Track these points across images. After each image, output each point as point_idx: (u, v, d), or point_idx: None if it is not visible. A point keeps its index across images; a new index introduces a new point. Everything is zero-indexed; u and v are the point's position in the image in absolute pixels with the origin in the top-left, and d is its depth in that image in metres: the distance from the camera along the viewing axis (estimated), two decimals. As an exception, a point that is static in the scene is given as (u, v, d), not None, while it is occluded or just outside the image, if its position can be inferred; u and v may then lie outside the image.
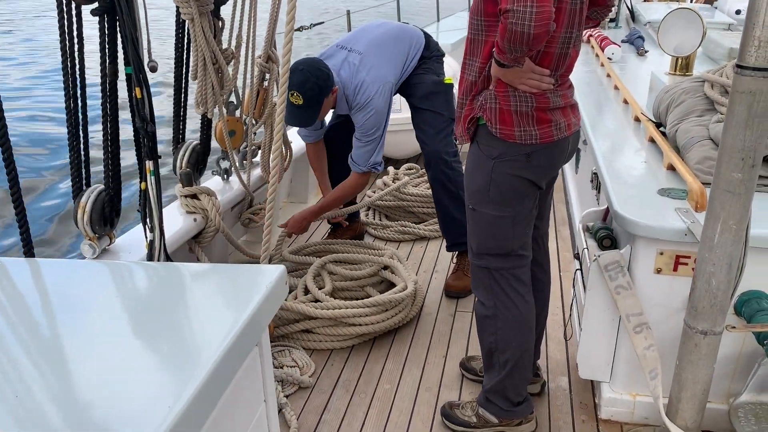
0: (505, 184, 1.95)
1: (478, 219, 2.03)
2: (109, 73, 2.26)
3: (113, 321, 1.25)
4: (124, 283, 1.43)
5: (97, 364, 1.10)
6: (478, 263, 2.10)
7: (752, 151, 1.58)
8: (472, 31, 1.91)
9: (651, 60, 4.88)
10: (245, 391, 1.38)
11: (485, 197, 1.98)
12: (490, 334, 2.13)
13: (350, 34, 3.21)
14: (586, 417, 2.31)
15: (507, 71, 1.82)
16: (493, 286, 2.09)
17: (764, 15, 1.47)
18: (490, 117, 1.90)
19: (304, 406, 2.41)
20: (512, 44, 1.64)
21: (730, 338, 2.07)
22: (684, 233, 1.96)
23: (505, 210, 1.98)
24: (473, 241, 2.09)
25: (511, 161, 1.92)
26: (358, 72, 2.99)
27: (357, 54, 3.04)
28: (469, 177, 2.03)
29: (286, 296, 1.47)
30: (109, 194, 2.39)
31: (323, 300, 2.77)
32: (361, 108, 3.00)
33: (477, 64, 1.92)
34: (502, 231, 2.02)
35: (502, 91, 1.87)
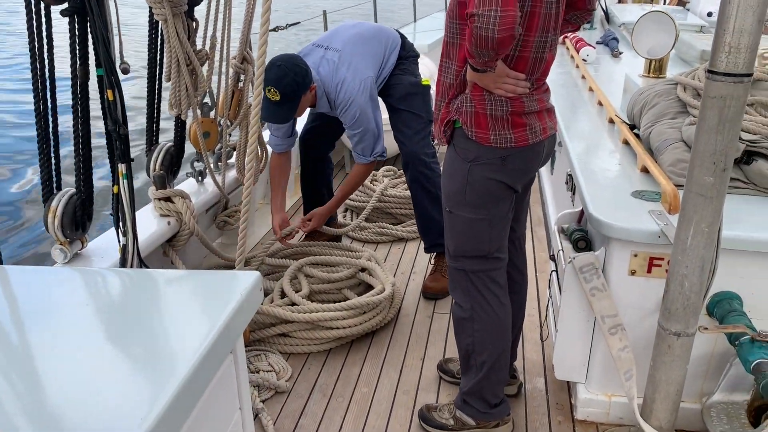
0: (481, 187, 1.95)
1: (454, 221, 2.03)
2: (79, 75, 2.22)
3: (84, 329, 1.22)
4: (95, 290, 1.40)
5: (67, 374, 1.07)
6: (455, 265, 2.10)
7: (723, 155, 1.60)
8: (448, 33, 1.92)
9: (625, 61, 4.93)
10: (220, 399, 1.36)
11: (462, 200, 1.98)
12: (467, 336, 2.14)
13: (326, 34, 3.19)
14: (562, 418, 2.33)
15: (482, 76, 1.83)
16: (469, 289, 2.09)
17: (734, 21, 1.49)
18: (466, 120, 1.90)
19: (280, 411, 2.39)
20: (479, 48, 1.64)
21: (703, 339, 2.10)
22: (657, 235, 1.98)
23: (481, 213, 1.99)
24: (450, 243, 2.09)
25: (487, 164, 1.93)
26: (338, 69, 2.97)
27: (335, 51, 3.02)
28: (446, 179, 2.03)
29: (261, 302, 1.46)
30: (81, 198, 2.35)
31: (300, 303, 2.75)
32: (345, 108, 2.98)
33: (453, 67, 1.92)
34: (479, 233, 2.02)
35: (478, 95, 1.88)
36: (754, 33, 1.50)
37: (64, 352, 1.14)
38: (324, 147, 3.49)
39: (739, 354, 1.88)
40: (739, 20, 1.49)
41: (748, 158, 2.26)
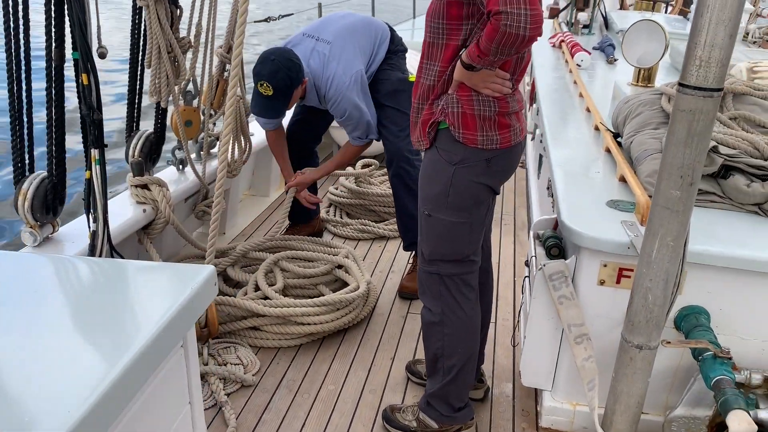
0: (465, 190, 1.93)
1: (433, 225, 2.01)
2: (55, 58, 2.19)
3: (28, 316, 1.21)
4: (49, 277, 1.39)
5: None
6: (428, 269, 2.07)
7: (691, 169, 1.59)
8: (432, 34, 1.87)
9: (620, 69, 4.91)
10: (168, 392, 1.35)
11: (443, 203, 1.95)
12: (436, 340, 2.12)
13: (315, 23, 3.15)
14: (526, 425, 2.32)
15: (473, 75, 1.81)
16: (442, 292, 2.07)
17: (706, 35, 1.47)
18: (453, 121, 1.88)
19: (245, 405, 2.38)
20: (502, 46, 1.62)
21: (670, 352, 2.09)
22: (627, 246, 1.97)
23: (462, 216, 1.97)
24: (426, 246, 2.06)
25: (472, 167, 1.91)
26: (329, 62, 2.94)
27: (325, 43, 2.99)
28: (426, 182, 2.00)
29: (214, 296, 1.44)
30: (52, 182, 2.33)
31: (272, 297, 2.74)
32: (336, 103, 2.96)
33: (436, 68, 1.89)
34: (459, 237, 2.01)
35: (465, 96, 1.86)
36: (725, 48, 1.48)
37: (2, 339, 1.13)
38: (310, 141, 3.47)
39: (701, 369, 1.87)
40: (711, 34, 1.47)
41: (725, 172, 2.24)
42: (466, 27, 1.80)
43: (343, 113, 2.97)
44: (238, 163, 3.27)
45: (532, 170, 4.35)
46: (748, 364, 2.01)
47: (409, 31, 7.34)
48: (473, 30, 1.80)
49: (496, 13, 1.57)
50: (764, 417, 1.83)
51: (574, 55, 4.89)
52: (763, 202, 2.18)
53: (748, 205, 2.20)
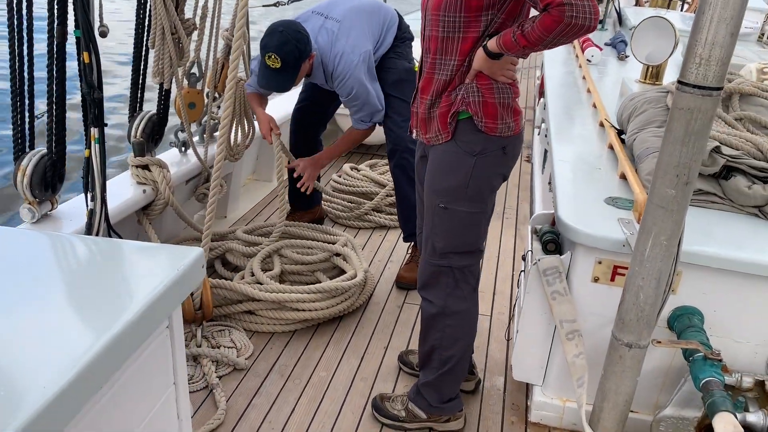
0: (484, 179, 1.95)
1: (449, 218, 1.99)
2: (57, 35, 2.19)
3: (13, 290, 1.21)
4: (41, 253, 1.39)
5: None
6: (439, 263, 2.04)
7: (687, 168, 1.57)
8: (446, 29, 1.84)
9: (631, 66, 4.87)
10: (151, 372, 1.36)
11: (462, 195, 1.95)
12: (436, 332, 2.12)
13: (325, 2, 3.10)
14: (515, 419, 2.32)
15: (494, 63, 1.81)
16: (449, 285, 2.06)
17: (707, 33, 1.45)
18: (476, 110, 1.88)
19: (236, 388, 2.39)
20: (561, 36, 1.63)
21: (661, 352, 2.08)
22: (623, 244, 1.96)
23: (479, 206, 1.98)
24: (439, 240, 2.02)
25: (490, 156, 1.93)
26: (338, 40, 2.91)
27: (335, 21, 2.96)
28: (442, 175, 1.97)
29: (201, 278, 1.45)
30: (52, 159, 2.33)
31: (265, 283, 2.74)
32: (343, 82, 2.92)
33: (453, 62, 1.87)
34: (475, 228, 2.02)
35: (485, 84, 1.86)
36: (726, 46, 1.46)
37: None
38: (316, 128, 3.46)
39: (691, 370, 1.86)
40: (712, 32, 1.45)
41: (727, 173, 2.22)
42: (486, 17, 1.79)
43: (349, 91, 2.93)
44: (240, 147, 3.27)
45: (537, 165, 4.33)
46: (741, 367, 2.01)
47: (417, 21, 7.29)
48: (493, 20, 1.80)
49: (559, 4, 1.58)
50: (753, 420, 1.82)
51: (584, 50, 4.85)
52: (764, 205, 2.16)
53: (749, 207, 2.18)
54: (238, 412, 2.27)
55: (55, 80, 2.24)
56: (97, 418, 1.13)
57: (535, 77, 7.41)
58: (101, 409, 1.14)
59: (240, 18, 2.11)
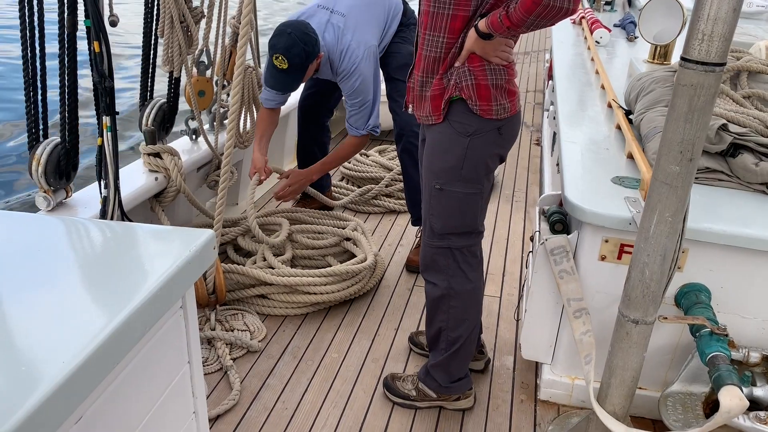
0: (478, 160, 1.96)
1: (445, 198, 2.01)
2: (67, 25, 2.23)
3: (31, 273, 1.25)
4: (57, 237, 1.43)
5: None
6: (439, 243, 2.07)
7: (691, 144, 1.58)
8: (435, 4, 1.85)
9: (639, 46, 4.84)
10: (166, 351, 1.39)
11: (456, 175, 1.97)
12: (442, 313, 2.14)
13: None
14: (525, 397, 2.35)
15: (486, 44, 1.82)
16: (450, 266, 2.08)
17: (709, 8, 1.46)
18: (470, 94, 1.88)
19: (249, 370, 2.44)
20: (541, 18, 1.65)
21: (669, 328, 2.10)
22: (629, 222, 1.97)
23: (475, 186, 1.99)
24: (437, 221, 2.05)
25: (485, 136, 1.93)
26: (344, 35, 2.92)
27: (340, 16, 2.97)
28: (437, 156, 2.00)
29: (213, 260, 1.48)
30: (65, 148, 2.37)
31: (278, 267, 2.78)
32: (347, 75, 2.94)
33: (442, 40, 1.88)
34: (471, 208, 2.03)
35: (478, 66, 1.87)
36: (729, 22, 1.47)
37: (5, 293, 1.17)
38: (322, 114, 3.48)
39: (697, 346, 1.88)
40: (714, 8, 1.45)
41: (734, 151, 2.23)
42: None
43: (352, 86, 2.95)
44: (250, 134, 3.30)
45: (547, 148, 4.33)
46: (748, 343, 2.02)
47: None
48: (484, 1, 1.79)
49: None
50: (759, 394, 1.84)
51: (593, 32, 4.82)
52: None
53: (756, 184, 2.19)
54: (253, 393, 2.32)
55: (66, 69, 2.28)
56: (115, 393, 1.17)
57: (545, 60, 7.37)
58: (119, 384, 1.18)
59: (246, 5, 2.14)
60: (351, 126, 3.08)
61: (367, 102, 3.00)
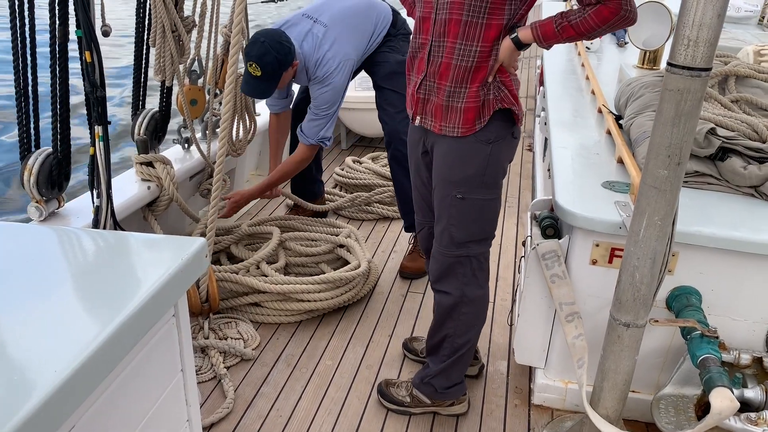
0: (498, 165, 2.00)
1: (467, 207, 2.00)
2: (59, 35, 2.23)
3: (23, 282, 1.25)
4: (49, 246, 1.43)
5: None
6: (458, 252, 2.04)
7: (678, 149, 1.60)
8: (470, 13, 1.82)
9: (629, 52, 4.87)
10: (159, 359, 1.40)
11: (479, 183, 1.97)
12: (452, 321, 2.13)
13: (317, 3, 3.15)
14: (519, 401, 2.36)
15: (514, 53, 1.87)
16: (466, 274, 2.08)
17: (695, 14, 1.48)
18: (512, 102, 1.93)
19: (243, 378, 2.44)
20: (611, 28, 1.75)
21: (661, 331, 2.11)
22: (619, 226, 1.98)
23: (495, 192, 2.03)
24: (458, 231, 2.02)
25: (502, 142, 1.97)
26: (321, 45, 2.96)
27: (322, 26, 3.01)
28: (458, 166, 1.97)
29: (205, 268, 1.48)
30: (57, 158, 2.38)
31: (271, 275, 2.78)
32: (319, 82, 2.98)
33: (476, 48, 1.85)
34: (492, 214, 2.06)
35: (507, 77, 1.92)
36: (714, 27, 1.48)
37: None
38: None
39: (688, 348, 1.89)
40: (699, 14, 1.47)
41: (723, 155, 2.24)
42: (510, 8, 1.82)
43: (321, 93, 2.98)
44: (243, 142, 3.31)
45: (539, 153, 4.35)
46: (738, 345, 2.03)
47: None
48: (516, 12, 1.83)
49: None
50: (750, 396, 1.85)
51: (583, 37, 4.85)
52: (759, 185, 2.18)
53: (745, 187, 2.21)
54: (247, 401, 2.32)
55: (58, 80, 2.28)
56: (108, 402, 1.17)
57: (536, 66, 7.41)
58: (111, 393, 1.18)
59: (237, 14, 2.15)
60: (302, 133, 3.08)
61: (329, 112, 3.03)
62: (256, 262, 2.88)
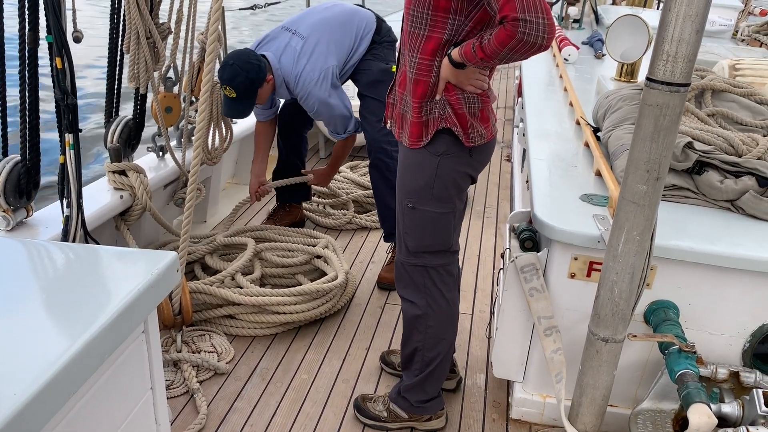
0: (449, 179, 1.94)
1: (418, 217, 2.00)
2: (28, 41, 2.17)
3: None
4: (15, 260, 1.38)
5: None
6: (413, 262, 2.06)
7: (657, 164, 1.59)
8: (413, 23, 1.83)
9: (607, 64, 4.91)
10: (127, 376, 1.35)
11: (428, 194, 1.95)
12: (418, 333, 2.12)
13: (296, 16, 3.15)
14: (497, 416, 2.33)
15: (460, 73, 1.80)
16: (426, 284, 2.07)
17: (673, 30, 1.47)
18: (454, 122, 1.87)
19: (217, 393, 2.38)
20: (514, 52, 1.63)
21: (639, 346, 2.11)
22: (597, 240, 1.98)
23: (446, 206, 1.98)
24: (410, 240, 2.04)
25: (456, 157, 1.92)
26: (299, 59, 2.95)
27: (300, 38, 2.99)
28: (409, 175, 1.98)
29: (177, 282, 1.44)
30: (26, 166, 2.31)
31: (245, 287, 2.74)
32: (304, 99, 3.00)
33: (415, 60, 1.86)
34: (444, 227, 2.01)
35: (453, 96, 1.86)
36: (692, 43, 1.49)
37: None
38: (301, 125, 3.47)
39: (666, 363, 1.88)
40: (678, 30, 1.47)
41: (699, 169, 2.25)
42: (452, 22, 1.77)
43: (311, 109, 3.03)
44: (219, 150, 3.26)
45: (517, 164, 4.36)
46: (716, 359, 2.04)
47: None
48: (460, 27, 1.78)
49: (513, 19, 1.57)
50: (727, 411, 1.84)
51: (561, 49, 4.89)
52: (735, 199, 2.19)
53: (721, 201, 2.22)
54: (220, 417, 2.27)
55: (27, 86, 2.22)
56: (73, 422, 1.12)
57: (514, 77, 7.46)
58: (77, 414, 1.13)
59: (214, 22, 2.11)
60: (332, 132, 3.19)
61: (333, 116, 3.04)
62: (231, 273, 2.83)
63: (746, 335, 2.04)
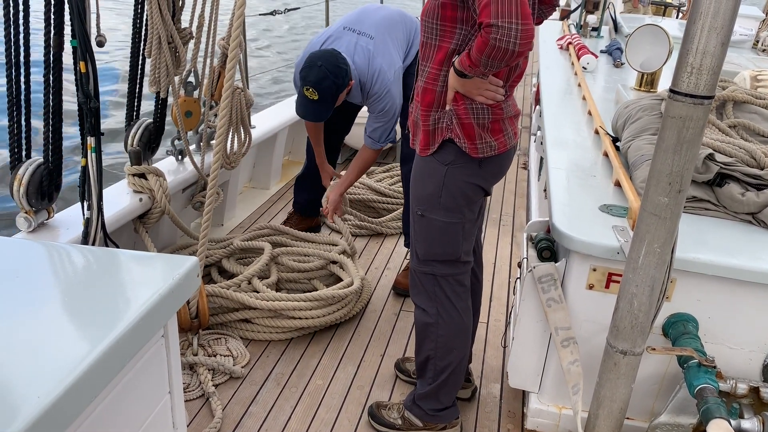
0: (457, 189, 1.94)
1: (426, 225, 2.00)
2: (53, 45, 2.20)
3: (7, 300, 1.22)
4: (36, 262, 1.39)
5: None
6: (423, 269, 2.07)
7: (680, 176, 1.58)
8: (426, 34, 1.85)
9: (626, 73, 4.89)
10: (147, 381, 1.36)
11: (436, 203, 1.96)
12: (430, 341, 2.12)
13: (353, 16, 3.06)
14: (512, 426, 2.32)
15: (466, 82, 1.80)
16: (437, 293, 2.07)
17: (698, 42, 1.46)
18: (459, 134, 1.87)
19: (232, 397, 2.39)
20: (492, 59, 1.61)
21: (657, 358, 2.09)
22: (617, 251, 1.96)
23: (455, 216, 1.97)
24: (420, 247, 2.05)
25: (464, 167, 1.92)
26: (374, 58, 2.89)
27: (368, 38, 2.93)
28: (419, 183, 1.99)
29: (197, 287, 1.45)
30: (48, 168, 2.34)
31: (261, 291, 2.75)
32: (379, 98, 2.92)
33: (428, 69, 1.87)
34: (452, 237, 2.01)
35: (461, 106, 1.85)
36: (717, 56, 1.47)
37: None
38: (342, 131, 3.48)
39: (685, 377, 1.86)
40: (703, 42, 1.46)
41: (720, 181, 2.23)
42: (460, 31, 1.78)
43: (383, 108, 2.93)
44: (237, 155, 3.28)
45: (534, 172, 4.34)
46: (735, 373, 2.01)
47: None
48: (468, 36, 1.78)
49: (486, 25, 1.56)
50: (747, 427, 1.82)
51: (580, 57, 4.87)
52: (757, 212, 2.17)
53: (742, 214, 2.19)
54: (235, 421, 2.27)
55: (51, 89, 2.25)
56: (94, 425, 1.13)
57: (531, 84, 7.44)
58: (97, 418, 1.14)
59: (236, 27, 2.13)
60: (369, 137, 3.06)
61: (392, 120, 3.00)
62: (248, 277, 2.84)
63: (766, 350, 2.01)
